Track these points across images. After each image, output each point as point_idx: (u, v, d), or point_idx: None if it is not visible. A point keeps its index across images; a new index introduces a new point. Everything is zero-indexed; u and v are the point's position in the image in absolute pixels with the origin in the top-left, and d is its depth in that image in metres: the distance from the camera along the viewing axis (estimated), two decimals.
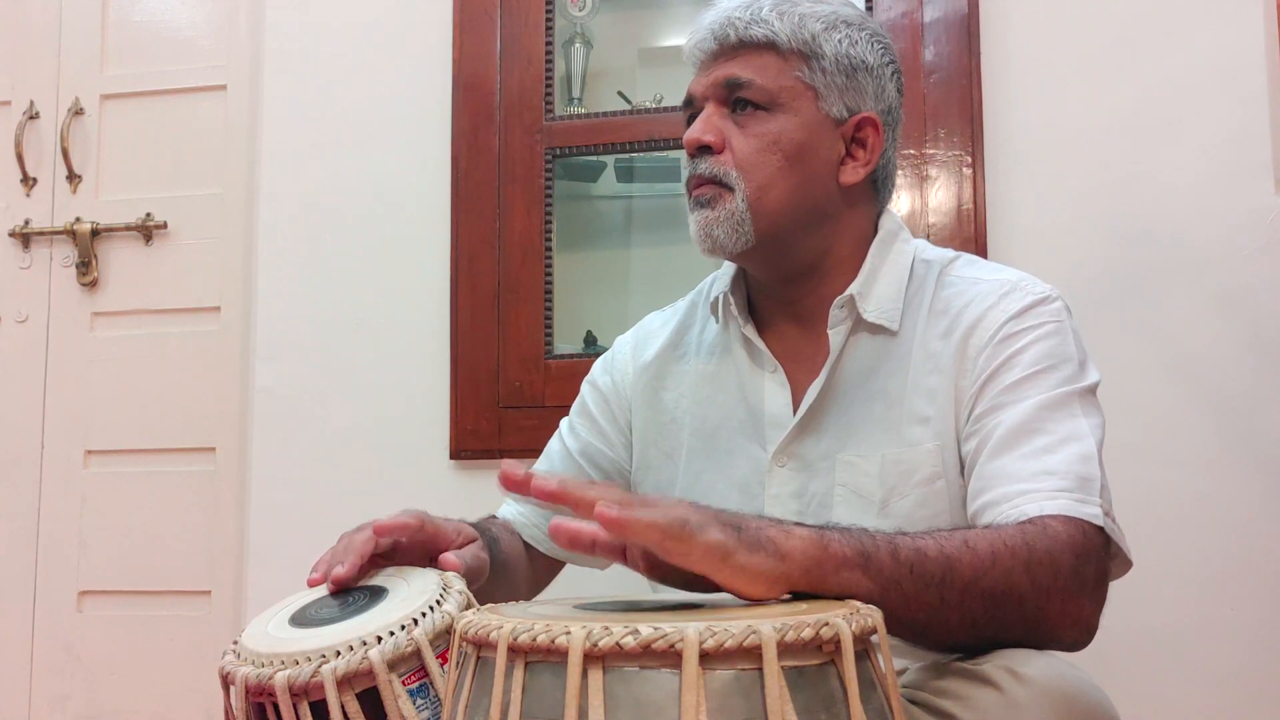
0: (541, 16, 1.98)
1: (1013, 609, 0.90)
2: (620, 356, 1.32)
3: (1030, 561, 0.90)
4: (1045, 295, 1.10)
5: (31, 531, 2.13)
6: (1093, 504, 0.97)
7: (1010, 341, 1.07)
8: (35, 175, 2.20)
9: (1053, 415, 1.02)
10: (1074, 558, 0.93)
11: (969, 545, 0.89)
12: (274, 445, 2.04)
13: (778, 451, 1.14)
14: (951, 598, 0.87)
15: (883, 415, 1.11)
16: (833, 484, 1.11)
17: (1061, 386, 1.04)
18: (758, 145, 1.12)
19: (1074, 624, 0.93)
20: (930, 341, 1.11)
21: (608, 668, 0.67)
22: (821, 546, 0.83)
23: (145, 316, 2.15)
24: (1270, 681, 1.62)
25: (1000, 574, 0.89)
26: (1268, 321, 1.66)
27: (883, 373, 1.12)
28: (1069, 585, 0.92)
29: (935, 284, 1.15)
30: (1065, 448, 1.00)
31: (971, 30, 1.79)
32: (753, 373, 1.18)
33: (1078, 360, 1.07)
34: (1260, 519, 1.64)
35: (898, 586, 0.85)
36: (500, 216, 1.96)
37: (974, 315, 1.10)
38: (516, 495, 0.86)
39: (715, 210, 1.12)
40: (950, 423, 1.08)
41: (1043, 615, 0.91)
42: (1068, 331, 1.09)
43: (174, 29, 2.20)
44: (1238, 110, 1.70)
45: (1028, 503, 0.97)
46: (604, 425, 1.30)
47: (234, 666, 0.89)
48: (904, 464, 1.09)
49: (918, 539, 0.89)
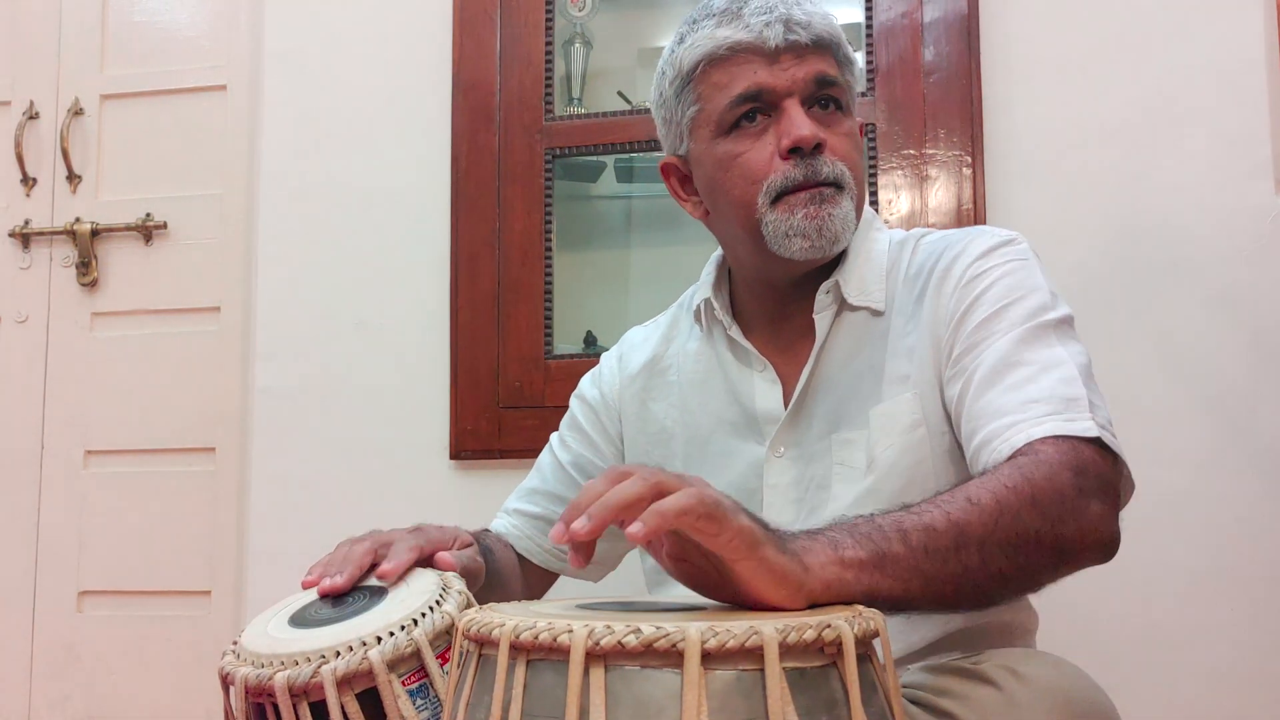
0: (541, 16, 1.98)
1: (1033, 548, 0.88)
2: (607, 369, 1.32)
3: (1034, 496, 0.89)
4: (1010, 238, 1.12)
5: (31, 531, 2.13)
6: (1082, 419, 0.96)
7: (977, 281, 1.08)
8: (35, 175, 2.20)
9: (1029, 347, 1.03)
10: (1072, 474, 0.92)
11: (972, 501, 0.88)
12: (274, 445, 2.04)
13: (774, 442, 1.14)
14: (972, 561, 0.86)
15: (870, 389, 1.12)
16: (831, 464, 1.11)
17: (1033, 318, 1.04)
18: (851, 145, 1.13)
19: (1094, 539, 0.92)
20: (907, 306, 1.13)
21: (609, 666, 0.67)
22: (838, 560, 0.81)
23: (145, 316, 2.15)
24: (1268, 680, 1.62)
25: (1010, 519, 0.87)
26: (1267, 321, 1.66)
27: (866, 350, 1.13)
28: (1077, 503, 0.91)
29: (910, 256, 1.16)
30: (1045, 375, 1.00)
31: (971, 30, 1.79)
32: (742, 373, 1.19)
33: (1047, 290, 1.07)
34: (1259, 518, 1.64)
35: (918, 573, 0.84)
36: (500, 216, 1.96)
37: (944, 265, 1.11)
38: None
39: (835, 207, 1.10)
40: (929, 371, 1.09)
41: (1063, 542, 0.89)
42: (1033, 267, 1.10)
43: (174, 29, 2.20)
44: (1238, 110, 1.70)
45: (1016, 434, 0.96)
46: (594, 437, 1.30)
47: (234, 667, 0.89)
48: (885, 416, 1.10)
49: (924, 513, 0.87)
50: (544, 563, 1.30)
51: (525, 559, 1.29)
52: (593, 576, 1.35)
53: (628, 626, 0.67)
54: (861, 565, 0.82)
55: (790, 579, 0.78)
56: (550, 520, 1.29)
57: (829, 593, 0.80)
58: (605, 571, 1.35)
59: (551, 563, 1.30)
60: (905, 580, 0.83)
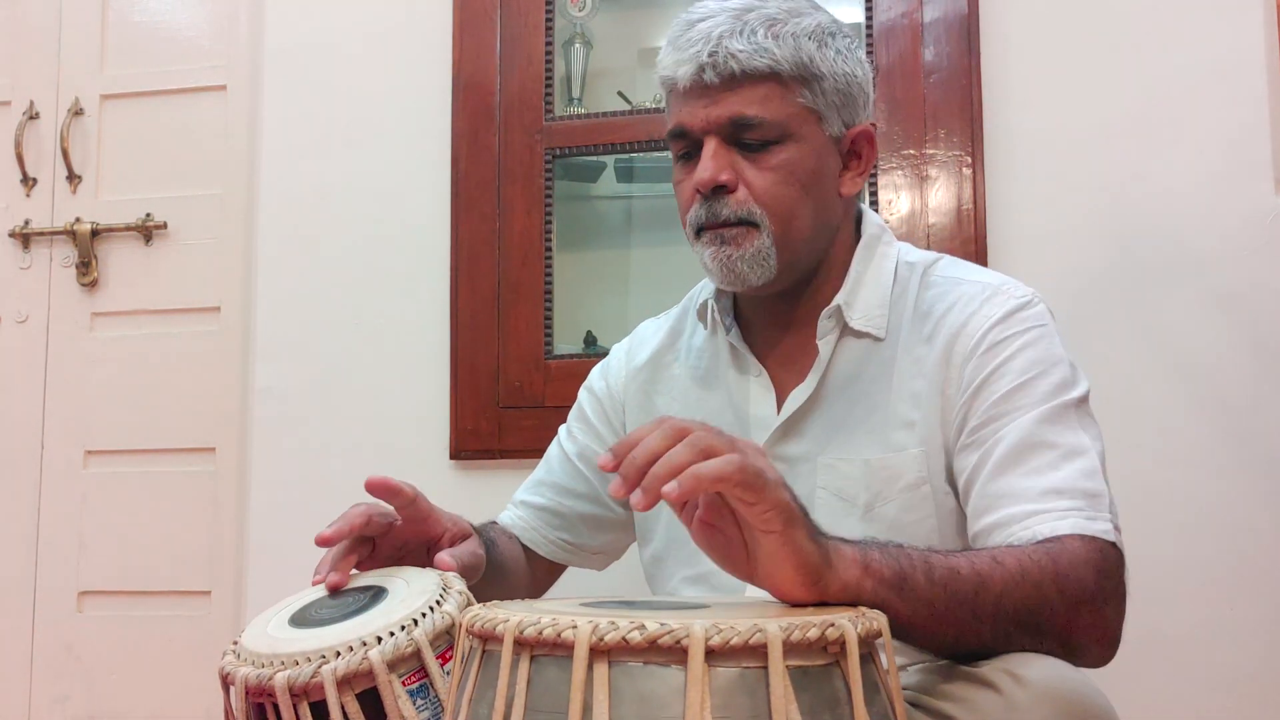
0: (541, 16, 1.98)
1: (1044, 623, 0.90)
2: (615, 362, 1.33)
3: (1058, 576, 0.90)
4: (1027, 300, 1.09)
5: (31, 531, 2.13)
6: (1103, 519, 0.97)
7: (997, 350, 1.06)
8: (35, 175, 2.20)
9: (1053, 429, 1.01)
10: (1096, 573, 0.93)
11: (997, 561, 0.89)
12: (274, 445, 2.04)
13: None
14: (984, 613, 0.87)
15: (865, 419, 1.11)
16: (814, 486, 1.11)
17: (1057, 396, 1.03)
18: (775, 179, 1.08)
19: (1101, 637, 0.94)
20: (915, 346, 1.11)
21: (613, 662, 0.67)
22: (863, 566, 0.83)
23: (145, 316, 2.14)
24: (1271, 683, 1.62)
25: (1030, 588, 0.89)
26: (1268, 322, 1.66)
27: (866, 377, 1.12)
28: (1095, 599, 0.92)
29: (919, 286, 1.14)
30: (1069, 464, 1.00)
31: (971, 30, 1.79)
32: (739, 376, 1.19)
33: (1067, 363, 1.07)
34: (1260, 519, 1.64)
35: (930, 606, 0.85)
36: (500, 216, 1.96)
37: (957, 321, 1.09)
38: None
39: (741, 248, 1.09)
40: (936, 430, 1.08)
41: (1073, 629, 0.91)
42: (1053, 335, 1.08)
43: (174, 29, 2.20)
44: (1238, 110, 1.70)
45: (1039, 523, 0.96)
46: (600, 429, 1.30)
47: (234, 667, 0.89)
48: (889, 469, 1.08)
49: (950, 557, 0.89)
50: (550, 555, 1.30)
51: (531, 551, 1.30)
52: (597, 565, 1.35)
53: (632, 622, 0.67)
54: (882, 580, 0.83)
55: (812, 566, 0.79)
56: (556, 512, 1.29)
57: (845, 593, 0.81)
58: (609, 560, 1.36)
59: (557, 554, 1.30)
60: (916, 609, 0.85)
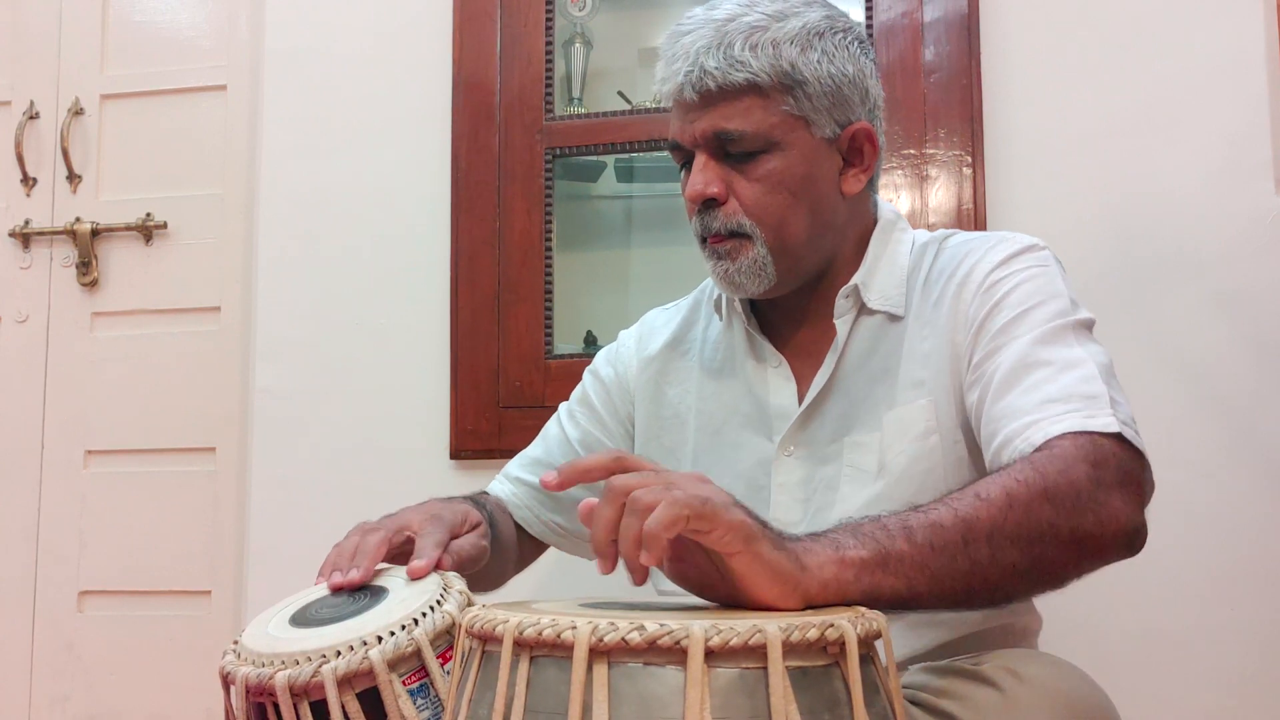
0: (541, 16, 1.98)
1: (1048, 541, 0.87)
2: (624, 349, 1.32)
3: (1047, 489, 0.88)
4: (1031, 244, 1.11)
5: (31, 531, 2.13)
6: (1102, 415, 0.95)
7: (997, 287, 1.08)
8: (35, 175, 2.20)
9: (1048, 349, 1.02)
10: (1089, 466, 0.91)
11: (980, 496, 0.87)
12: (274, 445, 2.04)
13: (784, 440, 1.14)
14: (981, 556, 0.85)
15: (884, 393, 1.11)
16: (841, 467, 1.11)
17: (1053, 320, 1.04)
18: (763, 189, 1.10)
19: (1114, 530, 0.90)
20: (924, 311, 1.12)
21: (613, 663, 0.67)
22: (838, 560, 0.81)
23: (145, 316, 2.15)
24: (1271, 683, 1.62)
25: (1020, 513, 0.86)
26: (1269, 322, 1.66)
27: (881, 352, 1.13)
28: (1094, 495, 0.89)
29: (932, 259, 1.16)
30: (1064, 375, 1.00)
31: (971, 30, 1.79)
32: (757, 367, 1.18)
33: (1067, 297, 1.07)
34: (1261, 520, 1.64)
35: (923, 569, 0.83)
36: (500, 216, 1.96)
37: (964, 271, 1.11)
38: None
39: (737, 261, 1.11)
40: (945, 378, 1.09)
41: (1080, 535, 0.88)
42: (1055, 274, 1.09)
43: (174, 29, 2.20)
44: (1238, 110, 1.70)
45: (1035, 432, 0.95)
46: (604, 416, 1.30)
47: (234, 666, 0.89)
48: (899, 423, 1.09)
49: (931, 510, 0.86)
50: (541, 535, 1.30)
51: (520, 529, 1.29)
52: (586, 554, 1.35)
53: (631, 623, 0.67)
54: (863, 564, 0.81)
55: (786, 576, 0.78)
56: (553, 494, 1.27)
57: (826, 592, 0.80)
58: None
59: (549, 536, 1.30)
60: (910, 578, 0.82)
